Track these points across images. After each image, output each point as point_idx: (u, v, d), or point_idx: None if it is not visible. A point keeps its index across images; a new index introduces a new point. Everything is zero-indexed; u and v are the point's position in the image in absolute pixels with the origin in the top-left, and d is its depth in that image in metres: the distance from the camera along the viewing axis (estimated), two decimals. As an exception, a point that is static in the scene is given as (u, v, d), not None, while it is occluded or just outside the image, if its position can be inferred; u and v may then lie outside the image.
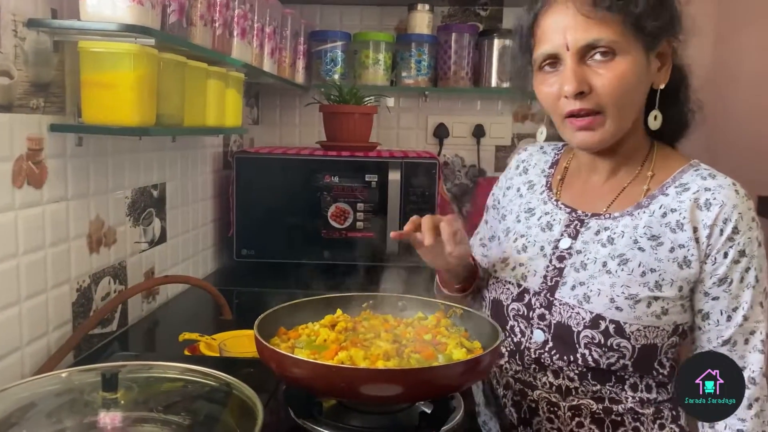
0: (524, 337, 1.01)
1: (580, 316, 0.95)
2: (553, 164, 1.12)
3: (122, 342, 1.31)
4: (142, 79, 1.05)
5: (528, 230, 1.07)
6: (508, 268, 1.05)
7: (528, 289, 1.01)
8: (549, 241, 1.03)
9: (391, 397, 0.70)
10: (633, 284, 0.93)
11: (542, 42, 0.94)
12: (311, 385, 0.72)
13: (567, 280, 0.98)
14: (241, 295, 1.74)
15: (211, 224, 1.90)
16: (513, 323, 1.02)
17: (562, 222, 1.03)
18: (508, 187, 1.16)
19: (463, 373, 0.73)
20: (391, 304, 1.02)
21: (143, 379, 0.76)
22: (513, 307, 1.02)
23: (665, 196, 0.97)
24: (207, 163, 1.85)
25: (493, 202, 1.21)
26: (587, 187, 1.06)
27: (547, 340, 0.98)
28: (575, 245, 1.00)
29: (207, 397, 0.72)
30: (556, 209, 1.06)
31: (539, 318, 0.99)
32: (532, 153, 1.17)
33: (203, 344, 1.15)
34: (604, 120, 0.92)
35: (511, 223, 1.11)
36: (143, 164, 1.44)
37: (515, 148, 2.35)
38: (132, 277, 1.40)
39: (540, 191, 1.10)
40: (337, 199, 1.84)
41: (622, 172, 1.02)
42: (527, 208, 1.10)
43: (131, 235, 1.39)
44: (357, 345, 0.79)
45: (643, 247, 0.95)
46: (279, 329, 0.87)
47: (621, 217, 0.98)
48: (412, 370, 0.71)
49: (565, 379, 0.98)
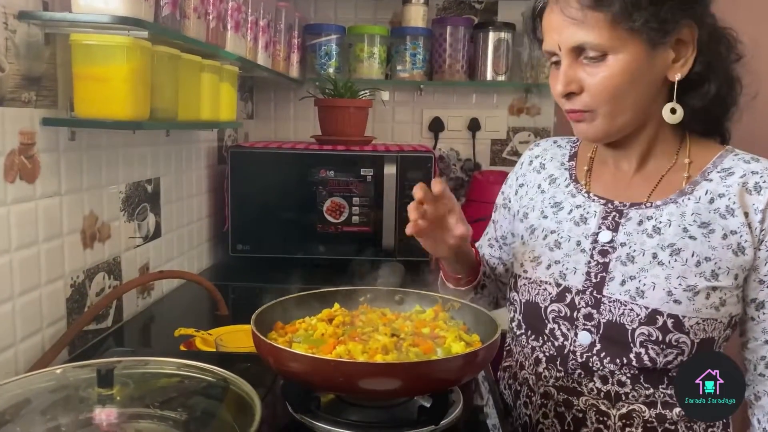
0: (567, 341, 0.97)
1: (634, 312, 0.91)
2: (572, 156, 1.09)
3: (117, 338, 1.31)
4: (135, 72, 1.04)
5: (558, 225, 1.02)
6: (542, 267, 1.00)
7: (569, 287, 0.97)
8: (585, 235, 0.99)
9: (389, 391, 0.70)
10: (689, 275, 0.90)
11: (545, 39, 0.94)
12: (309, 380, 0.72)
13: (614, 275, 0.94)
14: (237, 291, 1.73)
15: (206, 219, 1.89)
16: (553, 326, 0.98)
17: (598, 214, 0.99)
18: (521, 185, 1.13)
19: (462, 366, 0.72)
20: (388, 297, 1.01)
21: (139, 375, 0.76)
22: (553, 308, 0.98)
23: (709, 182, 0.94)
24: (201, 157, 1.84)
25: (503, 200, 1.17)
26: (618, 176, 1.02)
27: (594, 342, 0.94)
28: (617, 237, 0.96)
29: (203, 392, 0.72)
30: (589, 201, 1.01)
31: (585, 318, 0.95)
32: (546, 148, 1.14)
33: (199, 339, 1.15)
34: (594, 117, 0.91)
35: (536, 220, 1.06)
36: (137, 159, 1.42)
37: (510, 142, 2.35)
38: (127, 272, 1.39)
39: (565, 184, 1.06)
40: (332, 194, 1.83)
41: (654, 161, 0.99)
42: (553, 202, 1.05)
43: (126, 231, 1.38)
44: (355, 339, 0.79)
45: (695, 235, 0.92)
46: (276, 324, 0.86)
47: (664, 206, 0.95)
48: (411, 364, 0.70)
49: (615, 384, 0.94)
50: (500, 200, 1.19)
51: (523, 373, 1.04)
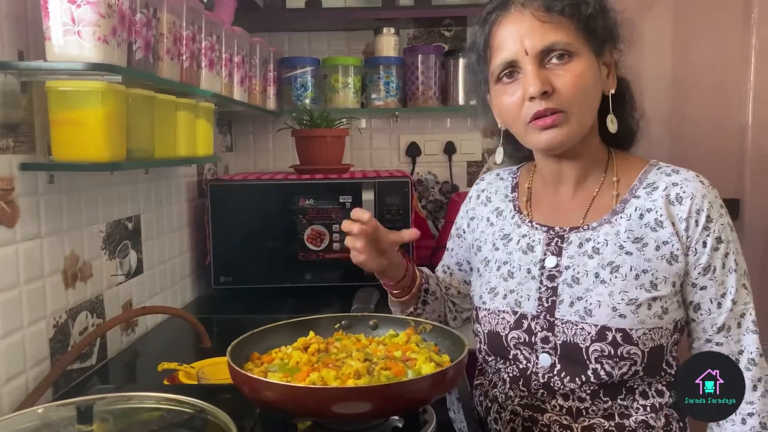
0: (530, 363, 1.00)
1: (585, 331, 0.95)
2: (513, 188, 1.15)
3: (102, 375, 1.32)
4: (111, 116, 1.07)
5: (509, 256, 1.07)
6: (499, 297, 1.05)
7: (525, 314, 1.01)
8: (534, 262, 1.03)
9: (361, 413, 0.72)
10: (630, 289, 0.95)
11: (500, 51, 0.97)
12: (284, 407, 0.74)
13: (563, 298, 0.98)
14: (221, 323, 1.74)
15: (188, 253, 1.91)
16: (515, 351, 1.02)
17: (542, 241, 1.04)
18: (471, 218, 1.18)
19: (430, 386, 0.75)
20: (363, 323, 1.04)
21: (120, 410, 0.78)
22: (513, 335, 1.02)
23: (637, 198, 1.00)
24: (181, 192, 1.87)
25: (457, 231, 1.23)
26: (556, 202, 1.08)
27: (554, 363, 0.98)
28: (562, 261, 1.01)
29: (184, 424, 0.74)
30: (532, 230, 1.06)
31: (543, 341, 0.99)
32: (490, 182, 1.20)
33: (182, 373, 1.16)
34: (568, 117, 0.95)
35: (489, 253, 1.11)
36: (117, 197, 1.45)
37: (485, 163, 2.40)
38: (110, 310, 1.40)
39: (510, 216, 1.11)
40: (312, 222, 1.86)
41: (589, 180, 1.05)
42: (502, 234, 1.10)
43: (107, 269, 1.40)
44: (329, 365, 0.81)
45: (630, 251, 0.97)
46: (252, 354, 0.88)
47: (600, 227, 1.01)
48: (380, 387, 0.73)
49: (576, 400, 0.98)
50: (454, 230, 1.25)
51: (494, 391, 1.08)
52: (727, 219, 0.98)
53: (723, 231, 0.97)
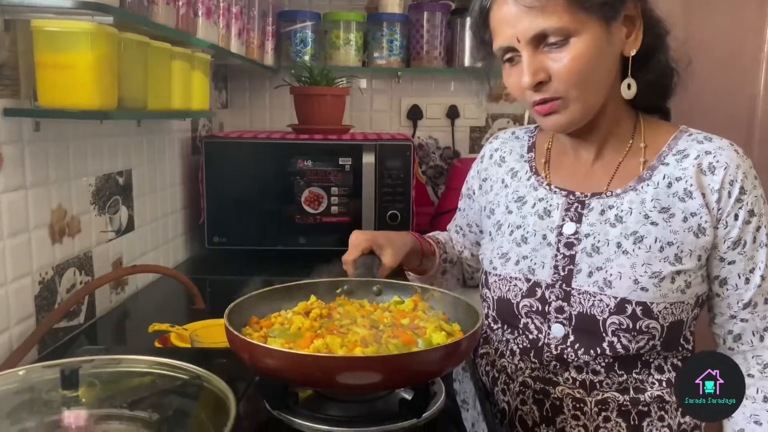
0: (541, 334, 0.97)
1: (603, 303, 0.91)
2: (530, 148, 1.09)
3: (90, 335, 1.27)
4: (101, 60, 1.00)
5: (523, 220, 1.02)
6: (511, 263, 1.00)
7: (539, 282, 0.96)
8: (550, 228, 0.98)
9: (369, 385, 0.68)
10: (654, 261, 0.90)
11: (496, 36, 0.92)
12: (286, 376, 0.69)
13: (581, 267, 0.94)
14: (214, 284, 1.70)
15: (181, 212, 1.85)
16: (526, 320, 0.98)
17: (561, 206, 0.99)
18: (484, 179, 1.13)
19: (443, 357, 0.70)
20: (366, 288, 0.99)
21: (108, 375, 0.73)
22: (524, 303, 0.98)
23: (666, 166, 0.94)
24: (175, 148, 1.80)
25: (468, 191, 1.18)
26: (577, 166, 1.02)
27: (567, 334, 0.94)
28: (581, 229, 0.96)
29: (177, 391, 0.69)
30: (550, 194, 1.01)
31: (557, 311, 0.95)
32: (505, 140, 1.14)
33: (174, 335, 1.12)
34: (567, 103, 0.90)
35: (501, 216, 1.06)
36: (107, 150, 1.38)
37: (489, 129, 2.33)
38: (99, 267, 1.35)
39: (526, 177, 1.06)
40: (310, 184, 1.80)
41: (611, 147, 0.99)
42: (516, 197, 1.05)
43: (97, 224, 1.34)
44: (333, 332, 0.76)
45: (656, 221, 0.92)
46: (250, 319, 0.83)
47: (624, 194, 0.95)
48: (392, 357, 0.68)
49: (590, 373, 0.94)
50: (465, 190, 1.20)
51: (502, 361, 1.04)
52: (761, 191, 0.93)
53: (756, 204, 0.92)
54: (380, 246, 1.05)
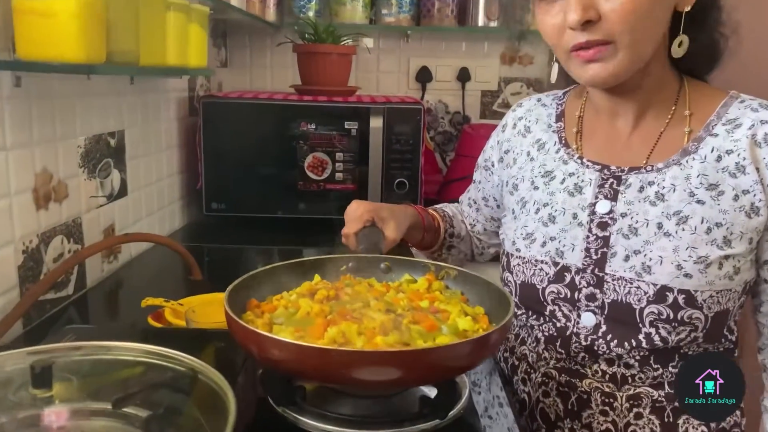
0: (570, 322, 0.88)
1: (641, 290, 0.83)
2: (558, 116, 0.99)
3: (80, 307, 1.19)
4: (86, 7, 0.89)
5: (551, 197, 0.93)
6: (536, 244, 0.91)
7: (568, 266, 0.88)
8: (581, 206, 0.89)
9: (390, 381, 0.59)
10: (699, 244, 0.81)
11: None
12: (299, 371, 0.61)
13: (617, 250, 0.85)
14: (213, 253, 1.62)
15: (178, 176, 1.75)
16: (553, 308, 0.90)
17: (594, 182, 0.89)
18: (506, 151, 1.03)
19: (475, 350, 0.61)
20: (372, 266, 0.90)
21: (95, 364, 0.65)
22: (551, 289, 0.89)
23: (714, 137, 0.85)
24: (171, 108, 1.69)
25: (485, 162, 1.09)
26: (613, 136, 0.92)
27: (599, 324, 0.86)
28: (617, 207, 0.87)
29: (170, 384, 0.61)
30: (582, 168, 0.92)
31: (588, 299, 0.86)
32: (530, 108, 1.03)
33: (169, 311, 1.04)
34: (615, 50, 0.79)
35: (526, 192, 0.97)
36: (97, 109, 1.28)
37: (501, 93, 2.23)
38: (89, 235, 1.26)
39: (555, 149, 0.96)
40: (314, 149, 1.70)
41: (652, 115, 0.89)
42: (544, 171, 0.96)
43: (86, 189, 1.25)
44: (346, 317, 0.68)
45: (702, 200, 0.83)
46: (250, 302, 0.74)
47: (666, 168, 0.86)
48: (433, 350, 0.59)
49: (622, 366, 0.86)
50: (481, 161, 1.11)
51: (523, 348, 0.96)
52: None
53: None
54: (383, 218, 0.97)
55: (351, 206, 1.00)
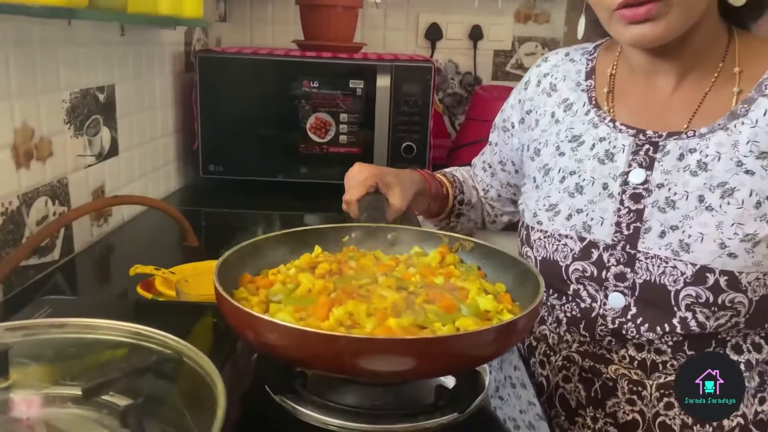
0: (595, 303, 0.81)
1: (677, 270, 0.74)
2: (588, 74, 0.89)
3: (66, 273, 1.12)
4: (63, -59, 0.79)
5: (579, 165, 0.84)
6: (560, 217, 0.83)
7: (596, 242, 0.79)
8: (613, 175, 0.80)
9: (405, 372, 0.51)
10: (747, 220, 0.72)
11: None
12: (302, 359, 0.53)
13: (651, 225, 0.76)
14: (209, 217, 1.55)
15: (173, 135, 1.66)
16: (577, 287, 0.82)
17: (627, 148, 0.80)
18: (528, 111, 0.94)
19: (505, 336, 0.53)
20: (377, 236, 0.81)
21: (75, 344, 0.57)
22: (576, 267, 0.81)
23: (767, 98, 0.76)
24: (165, 63, 1.59)
25: (504, 123, 0.99)
26: (651, 97, 0.83)
27: (628, 306, 0.78)
28: (653, 177, 0.78)
29: (151, 368, 0.54)
30: (614, 132, 0.82)
31: (617, 278, 0.79)
32: (557, 64, 0.93)
33: (159, 279, 0.96)
34: (668, 7, 0.70)
35: (550, 159, 0.88)
36: (84, 61, 1.19)
37: (515, 53, 2.11)
38: (77, 197, 1.18)
39: (584, 111, 0.87)
40: (317, 109, 1.61)
41: (696, 74, 0.80)
42: (571, 135, 0.86)
43: (73, 147, 1.17)
44: (353, 295, 0.60)
45: (752, 170, 0.73)
46: (243, 276, 0.66)
47: (711, 134, 0.76)
48: (462, 337, 0.51)
49: (652, 352, 0.79)
50: (499, 121, 1.01)
51: (542, 329, 0.89)
52: None
53: None
54: (388, 184, 0.88)
55: (353, 170, 0.92)
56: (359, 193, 0.87)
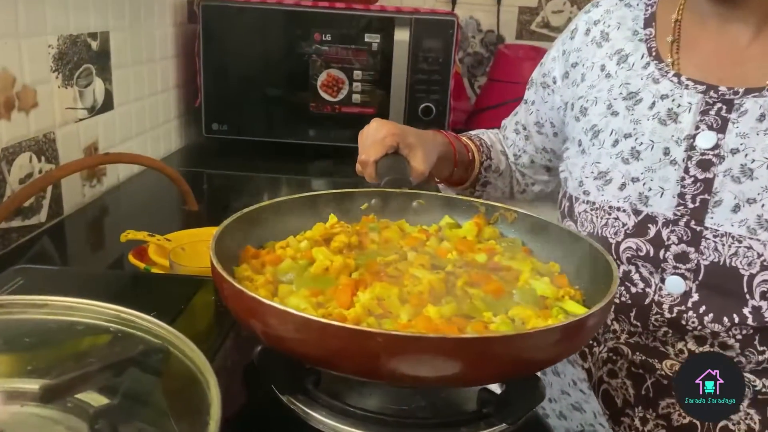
0: (650, 288, 0.71)
1: (753, 251, 0.64)
2: (648, 21, 0.78)
3: (54, 237, 1.02)
4: None
5: (636, 126, 0.73)
6: (612, 186, 0.73)
7: (654, 216, 0.70)
8: (677, 138, 0.70)
9: (454, 377, 0.40)
10: None
11: None
12: (323, 359, 0.42)
13: (723, 198, 0.66)
14: (212, 180, 1.45)
15: (174, 91, 1.55)
16: (629, 268, 0.72)
17: (694, 107, 0.70)
18: (574, 64, 0.82)
19: (582, 331, 0.43)
20: (402, 204, 0.71)
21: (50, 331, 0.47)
22: (629, 245, 0.71)
23: None
24: (166, 12, 1.47)
25: (543, 77, 0.88)
26: (723, 47, 0.72)
27: (689, 292, 0.68)
28: (725, 141, 0.67)
29: (135, 361, 0.44)
30: (679, 88, 0.72)
31: (677, 259, 0.69)
32: (610, 9, 0.82)
33: (153, 247, 0.86)
34: None
35: (600, 119, 0.77)
36: (74, 3, 1.07)
37: (542, 11, 1.97)
38: (66, 153, 1.07)
39: (642, 64, 0.76)
40: (329, 65, 1.49)
41: None
42: (626, 92, 0.75)
43: (61, 99, 1.06)
44: (380, 276, 0.49)
45: None
46: (245, 249, 0.55)
47: None
48: (535, 334, 0.40)
49: (717, 346, 0.69)
50: (538, 76, 0.90)
51: None
52: None
53: None
54: (410, 145, 0.77)
55: (370, 126, 0.80)
56: (378, 153, 0.76)
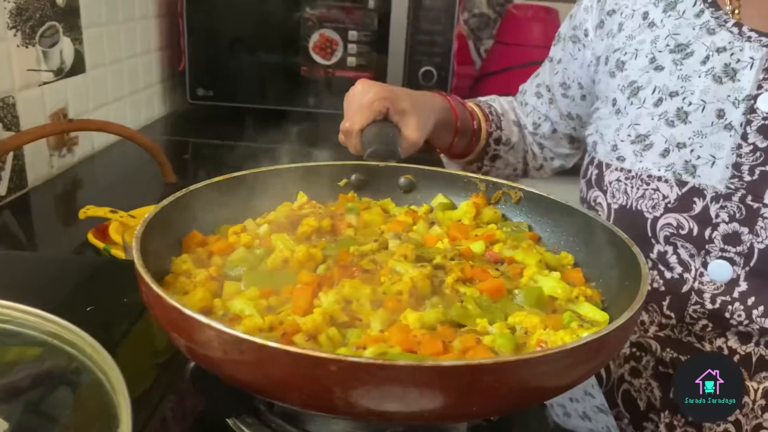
0: (689, 273, 0.62)
1: None
2: None
3: (16, 211, 0.93)
4: None
5: (684, 83, 0.63)
6: (653, 152, 0.64)
7: (701, 189, 0.61)
8: (734, 99, 0.61)
9: (435, 412, 0.31)
10: None
11: None
12: (263, 389, 0.32)
13: None
14: (196, 149, 1.36)
15: (156, 53, 1.45)
16: (665, 248, 0.63)
17: (757, 63, 0.60)
18: (610, 12, 0.72)
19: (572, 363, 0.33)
20: (388, 180, 0.61)
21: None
22: (668, 221, 0.62)
23: None
24: (145, -33, 1.36)
25: (574, 31, 0.77)
26: None
27: (736, 279, 0.60)
28: None
29: (65, 378, 0.35)
30: (739, 40, 0.62)
31: (726, 240, 0.60)
32: None
33: (115, 224, 0.77)
34: None
35: (640, 74, 0.67)
36: (32, -49, 0.96)
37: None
38: (28, 119, 0.98)
39: (695, 11, 0.65)
40: (322, 25, 1.39)
41: None
42: (673, 44, 0.65)
43: (21, 59, 0.96)
44: (351, 271, 0.40)
45: None
46: (191, 234, 0.46)
47: None
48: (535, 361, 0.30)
49: (762, 345, 0.61)
50: (567, 30, 0.79)
51: None
52: None
53: None
54: (402, 111, 0.66)
55: (356, 88, 0.69)
56: (363, 120, 0.65)
